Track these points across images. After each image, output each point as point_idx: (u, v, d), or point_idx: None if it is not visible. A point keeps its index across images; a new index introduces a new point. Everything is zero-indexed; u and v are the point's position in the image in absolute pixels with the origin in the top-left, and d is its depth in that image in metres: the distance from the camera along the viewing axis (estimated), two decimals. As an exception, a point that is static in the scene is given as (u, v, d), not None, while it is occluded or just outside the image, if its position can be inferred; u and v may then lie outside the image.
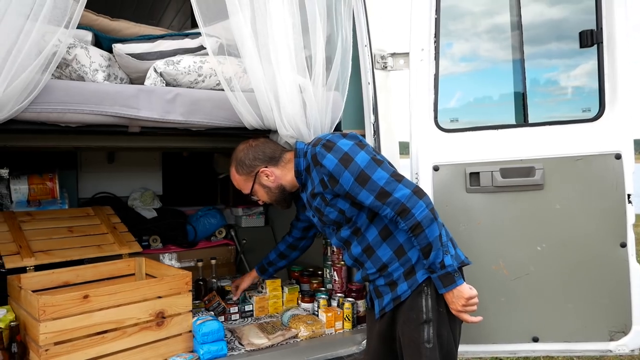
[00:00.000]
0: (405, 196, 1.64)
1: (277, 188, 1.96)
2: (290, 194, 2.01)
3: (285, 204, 2.04)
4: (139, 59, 2.04)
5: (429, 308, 1.74)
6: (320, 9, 2.03)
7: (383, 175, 1.68)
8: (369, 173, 1.68)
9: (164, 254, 2.62)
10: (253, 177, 1.95)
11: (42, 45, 1.65)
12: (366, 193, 1.68)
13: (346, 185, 1.71)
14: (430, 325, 1.73)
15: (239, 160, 1.96)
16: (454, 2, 2.48)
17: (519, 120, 2.45)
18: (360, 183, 1.68)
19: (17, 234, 2.25)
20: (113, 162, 3.30)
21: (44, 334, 1.65)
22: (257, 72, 1.94)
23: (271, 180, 1.95)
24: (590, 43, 2.19)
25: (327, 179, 1.75)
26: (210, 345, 1.97)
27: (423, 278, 1.75)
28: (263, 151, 1.96)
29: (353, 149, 1.72)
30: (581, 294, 2.20)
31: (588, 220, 2.18)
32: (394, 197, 1.64)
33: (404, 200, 1.63)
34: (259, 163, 1.94)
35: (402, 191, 1.65)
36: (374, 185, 1.67)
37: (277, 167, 1.95)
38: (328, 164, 1.72)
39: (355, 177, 1.68)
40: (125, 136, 2.05)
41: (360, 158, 1.70)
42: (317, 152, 1.76)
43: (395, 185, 1.66)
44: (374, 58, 2.35)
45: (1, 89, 1.57)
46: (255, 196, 2.02)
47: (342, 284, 2.52)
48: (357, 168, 1.69)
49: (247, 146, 1.97)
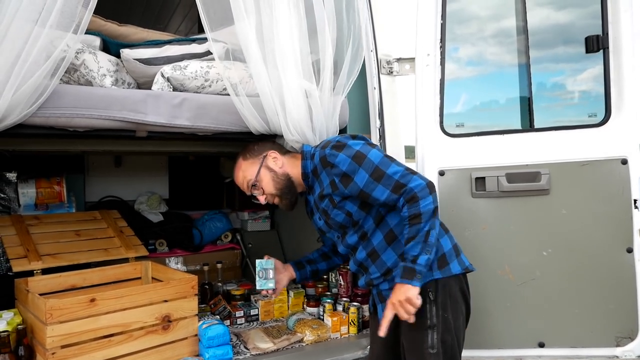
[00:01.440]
0: (420, 186, 1.66)
1: (284, 175, 1.91)
2: (296, 191, 1.94)
3: (290, 199, 1.93)
4: (146, 64, 2.06)
5: (434, 313, 1.74)
6: (329, 13, 2.03)
7: (398, 169, 1.71)
8: (383, 168, 1.70)
9: (170, 258, 2.61)
10: (261, 159, 1.91)
11: (50, 50, 1.66)
12: (382, 188, 1.69)
13: (361, 183, 1.71)
14: (435, 330, 1.73)
15: (249, 148, 1.97)
16: (460, 6, 2.49)
17: (525, 125, 2.45)
18: (376, 179, 1.70)
19: (25, 237, 2.26)
20: (120, 166, 3.31)
21: (51, 337, 1.66)
22: (262, 77, 1.95)
23: (278, 165, 1.91)
24: (596, 48, 2.19)
25: (338, 179, 1.75)
26: (216, 349, 1.97)
27: (427, 283, 1.74)
28: (272, 142, 2.02)
29: (364, 148, 1.76)
30: (587, 300, 2.19)
31: (594, 226, 2.18)
32: (409, 186, 1.67)
33: (417, 190, 1.66)
34: (267, 147, 1.95)
35: (417, 182, 1.67)
36: (389, 180, 1.69)
37: (285, 156, 1.95)
38: (341, 163, 1.73)
39: (370, 173, 1.70)
40: (132, 140, 2.06)
41: (373, 155, 1.73)
42: (327, 154, 1.76)
43: (410, 177, 1.69)
44: (380, 63, 2.35)
45: (10, 93, 1.58)
46: (258, 187, 1.90)
47: (348, 288, 2.52)
48: (372, 164, 1.71)
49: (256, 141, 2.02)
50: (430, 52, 2.26)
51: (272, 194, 1.92)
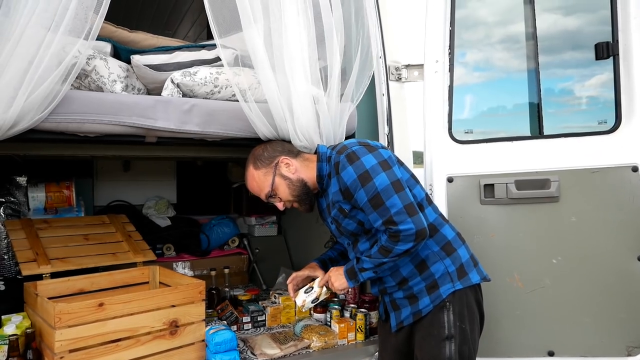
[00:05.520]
0: (408, 231, 1.61)
1: (299, 181, 1.86)
2: (312, 193, 1.91)
3: (308, 203, 1.91)
4: (156, 70, 2.07)
5: (451, 324, 1.72)
6: (337, 20, 2.04)
7: (396, 203, 1.63)
8: (383, 198, 1.63)
9: (177, 263, 2.62)
10: (273, 168, 1.85)
11: (62, 56, 1.67)
12: (376, 216, 1.66)
13: (360, 202, 1.69)
14: (452, 341, 1.71)
15: (257, 155, 1.89)
16: (467, 12, 2.48)
17: (534, 131, 2.44)
18: (373, 205, 1.65)
19: (34, 241, 2.28)
20: (128, 171, 3.33)
21: (59, 341, 1.66)
22: (270, 84, 1.95)
23: (292, 170, 1.86)
24: (606, 55, 2.17)
25: (343, 189, 1.73)
26: (223, 354, 1.97)
27: (447, 293, 1.73)
28: (282, 145, 1.93)
29: (375, 168, 1.66)
30: (598, 308, 2.16)
31: (604, 233, 2.16)
32: (397, 228, 1.62)
33: (403, 233, 1.62)
34: (278, 153, 1.88)
35: (407, 225, 1.61)
36: (385, 211, 1.63)
37: (297, 160, 1.89)
38: (346, 178, 1.69)
39: (369, 198, 1.65)
40: (141, 146, 2.07)
41: (379, 180, 1.64)
42: (340, 161, 1.71)
43: (404, 218, 1.62)
44: (389, 69, 2.36)
45: (22, 99, 1.59)
46: (275, 196, 1.88)
47: (355, 294, 2.52)
48: (374, 190, 1.64)
49: (264, 145, 1.94)
50: (439, 59, 2.26)
51: (289, 200, 1.90)
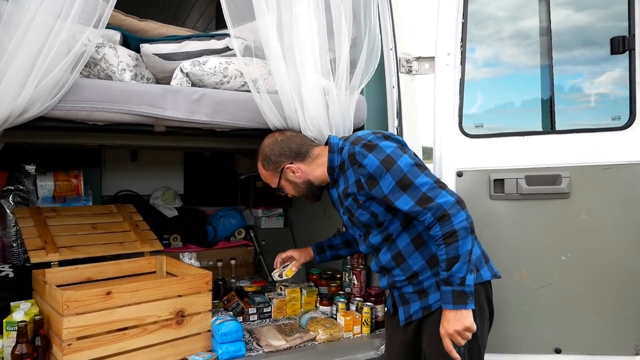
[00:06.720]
0: (449, 203, 1.58)
1: (304, 183, 1.92)
2: (319, 187, 1.96)
3: (314, 198, 1.99)
4: (165, 59, 2.06)
5: None
6: (346, 12, 2.02)
7: (426, 180, 1.62)
8: (411, 178, 1.62)
9: (183, 253, 2.64)
10: (279, 173, 1.91)
11: (71, 44, 1.67)
12: (407, 198, 1.62)
13: (386, 189, 1.65)
14: None
15: (265, 155, 1.92)
16: (477, 7, 2.45)
17: (546, 127, 2.41)
18: (402, 188, 1.63)
19: (43, 229, 2.29)
20: (136, 161, 3.34)
21: (67, 329, 1.67)
22: (282, 74, 1.94)
23: (297, 176, 1.90)
24: (621, 50, 2.14)
25: (364, 180, 1.69)
26: (229, 345, 1.98)
27: None
28: (289, 147, 1.90)
29: (396, 152, 1.67)
30: (606, 306, 2.15)
31: (615, 231, 2.14)
32: (436, 202, 1.58)
33: (446, 206, 1.57)
34: (284, 159, 1.89)
35: (445, 198, 1.59)
36: (416, 191, 1.61)
37: (304, 163, 1.90)
38: (369, 165, 1.66)
39: (397, 181, 1.63)
40: (149, 135, 2.07)
41: (403, 162, 1.64)
42: (356, 152, 1.70)
43: (439, 192, 1.60)
44: (399, 62, 2.34)
45: (32, 86, 1.59)
46: (282, 192, 1.99)
47: (361, 288, 2.51)
48: (400, 172, 1.63)
49: (272, 141, 1.93)
50: (451, 52, 2.24)
51: (295, 195, 2.00)
